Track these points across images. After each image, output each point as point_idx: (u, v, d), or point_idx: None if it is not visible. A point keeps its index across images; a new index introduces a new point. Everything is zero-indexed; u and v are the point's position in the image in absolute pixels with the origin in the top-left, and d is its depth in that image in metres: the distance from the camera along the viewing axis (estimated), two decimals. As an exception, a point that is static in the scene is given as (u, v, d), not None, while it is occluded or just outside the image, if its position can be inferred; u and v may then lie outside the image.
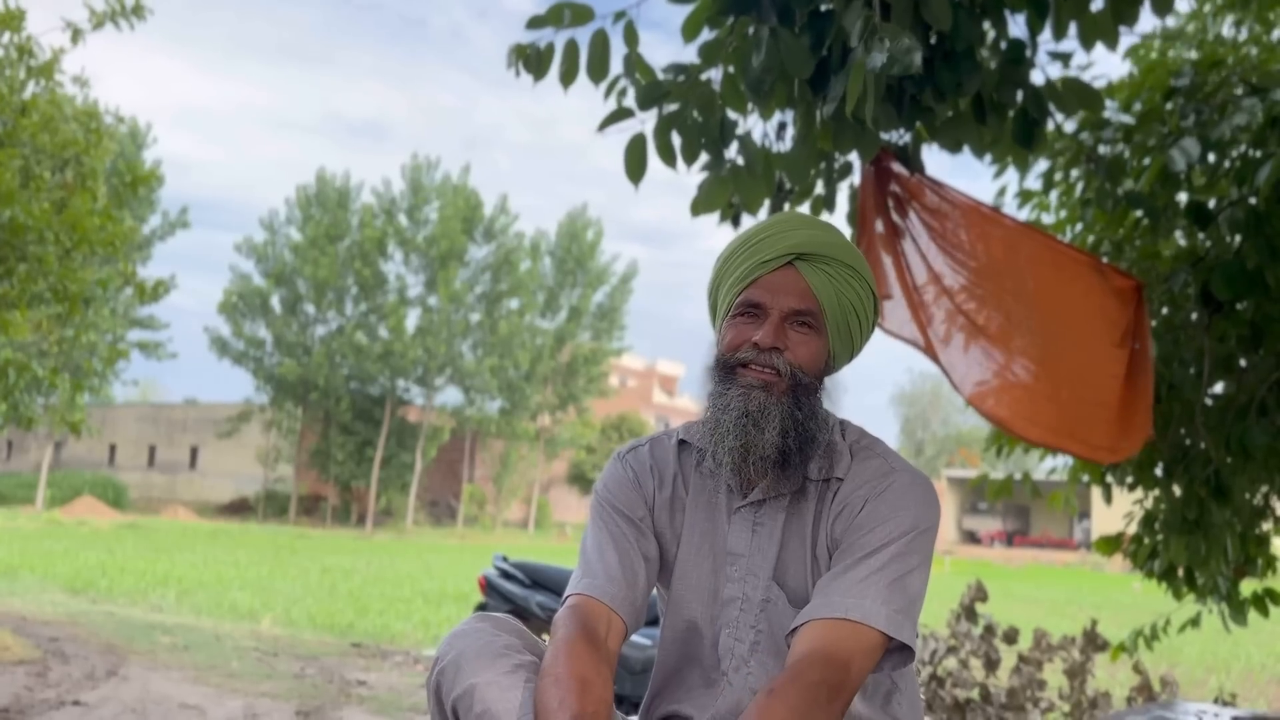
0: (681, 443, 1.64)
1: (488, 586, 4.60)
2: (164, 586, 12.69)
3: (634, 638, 4.05)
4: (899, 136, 3.23)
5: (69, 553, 16.50)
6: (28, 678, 6.20)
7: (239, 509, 38.49)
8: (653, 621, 4.46)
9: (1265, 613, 4.65)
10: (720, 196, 2.98)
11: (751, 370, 1.51)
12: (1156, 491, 4.57)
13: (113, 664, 6.89)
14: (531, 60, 2.93)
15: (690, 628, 1.59)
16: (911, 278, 3.47)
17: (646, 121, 2.86)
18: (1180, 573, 4.56)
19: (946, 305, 3.46)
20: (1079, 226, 4.53)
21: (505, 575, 4.58)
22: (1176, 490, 4.41)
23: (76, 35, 6.44)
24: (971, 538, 45.61)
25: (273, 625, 9.96)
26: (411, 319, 36.31)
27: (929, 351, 3.53)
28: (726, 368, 1.53)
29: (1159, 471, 4.46)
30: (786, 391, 1.50)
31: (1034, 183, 4.56)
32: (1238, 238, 3.84)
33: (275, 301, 37.01)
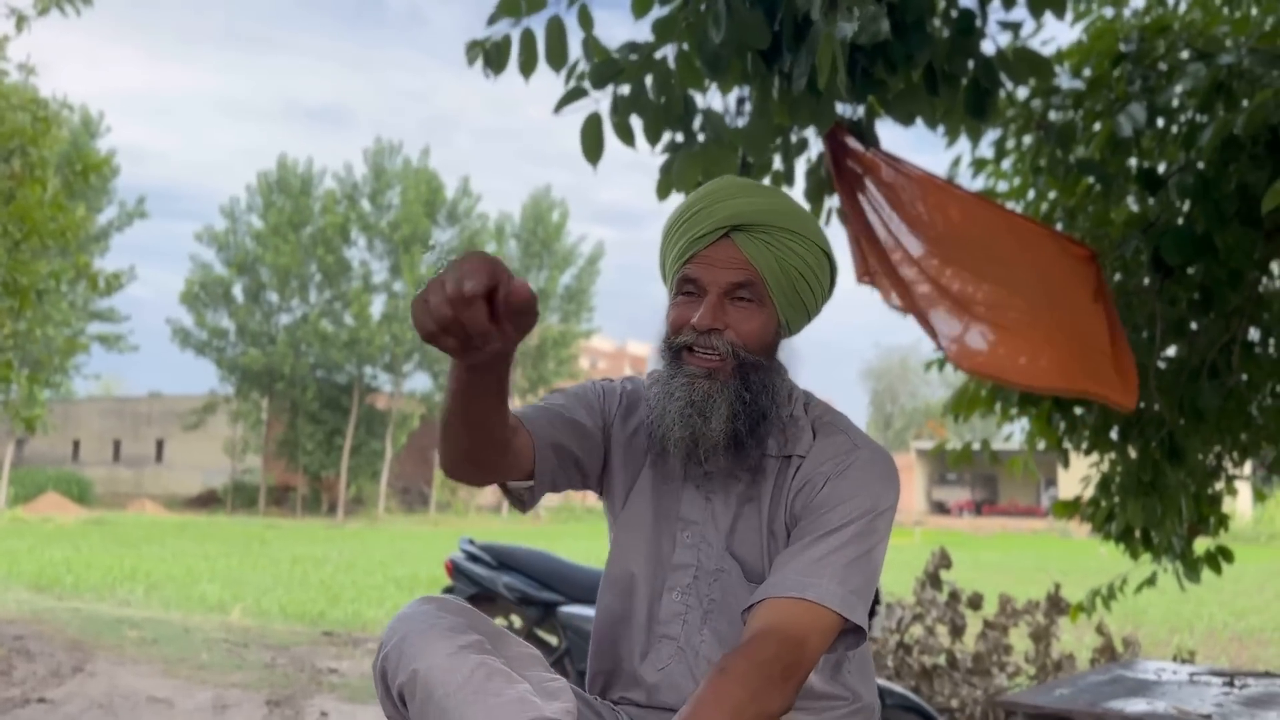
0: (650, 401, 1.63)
1: (455, 570, 4.60)
2: (131, 581, 12.56)
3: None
4: (852, 111, 3.23)
5: (33, 550, 16.30)
6: (-8, 676, 6.13)
7: (207, 501, 38.14)
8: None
9: (1218, 570, 4.75)
10: (690, 176, 2.95)
11: (696, 357, 1.48)
12: (1113, 455, 4.64)
13: (79, 660, 6.83)
14: (490, 55, 2.91)
15: (632, 580, 1.58)
16: (883, 248, 3.48)
17: (602, 101, 2.85)
18: (1137, 534, 4.64)
19: (917, 273, 3.48)
20: (1032, 194, 4.57)
21: (472, 558, 4.58)
22: (1132, 453, 4.48)
23: (21, 22, 6.30)
24: (940, 508, 46.06)
25: (243, 616, 9.90)
26: (377, 305, 36.04)
27: (916, 316, 3.55)
28: (672, 351, 1.51)
29: (1114, 435, 4.53)
30: (732, 374, 1.47)
31: (987, 151, 4.59)
32: (1187, 203, 3.89)
33: (238, 290, 36.60)
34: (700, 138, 2.88)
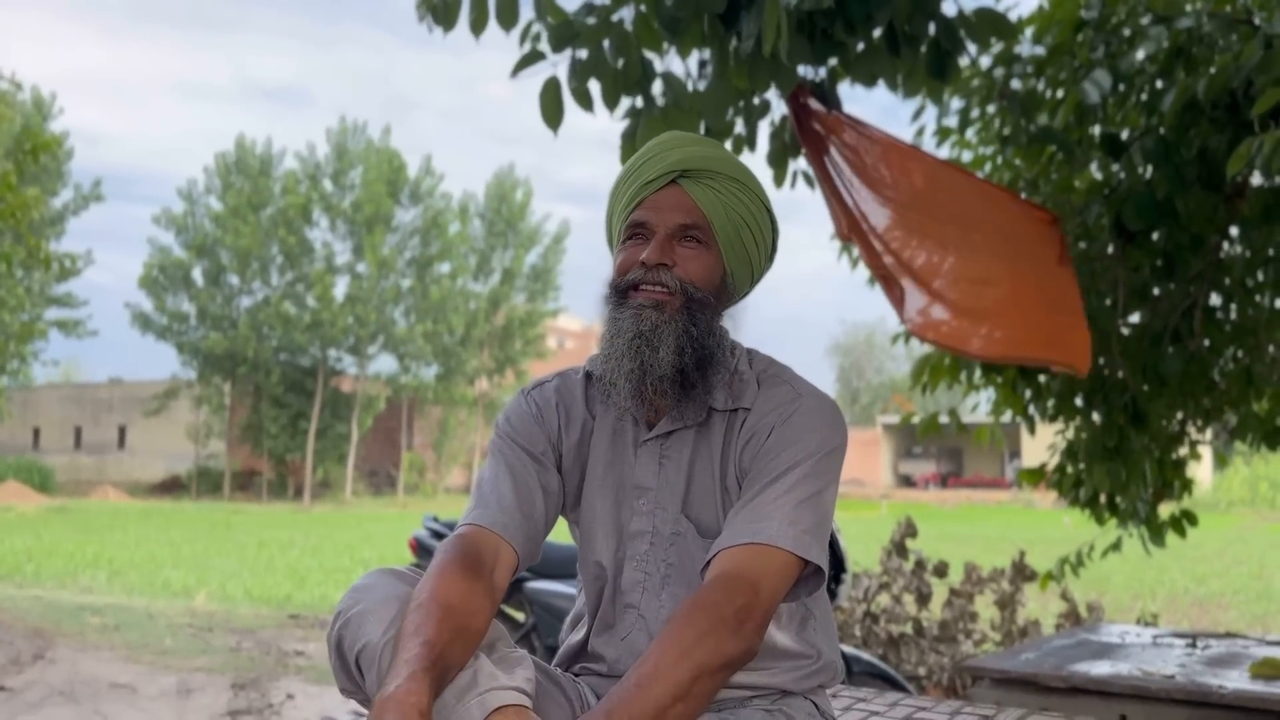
0: (588, 376, 1.60)
1: (418, 547, 4.55)
2: (94, 568, 12.39)
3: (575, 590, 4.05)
4: (815, 74, 3.19)
5: (-7, 539, 16.04)
6: (-51, 666, 6.02)
7: (171, 488, 37.73)
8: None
9: (1182, 533, 4.79)
10: (654, 137, 2.90)
11: (643, 291, 1.47)
12: (1077, 422, 4.66)
13: (39, 647, 6.72)
14: (439, 11, 2.84)
15: (598, 566, 1.57)
16: (850, 212, 3.45)
17: (560, 65, 2.78)
18: (1103, 499, 4.67)
19: (881, 245, 3.46)
20: (999, 161, 4.57)
21: (436, 535, 4.53)
22: (1097, 419, 4.50)
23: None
24: (907, 482, 46.49)
25: (207, 601, 9.80)
26: (340, 287, 35.67)
27: (884, 283, 3.52)
28: (619, 292, 1.50)
29: (1079, 402, 4.55)
30: (680, 309, 1.46)
31: (951, 122, 4.58)
32: (1149, 168, 3.90)
33: (197, 274, 36.09)
34: (660, 102, 2.83)
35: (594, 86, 2.76)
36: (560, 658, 1.64)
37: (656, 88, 2.83)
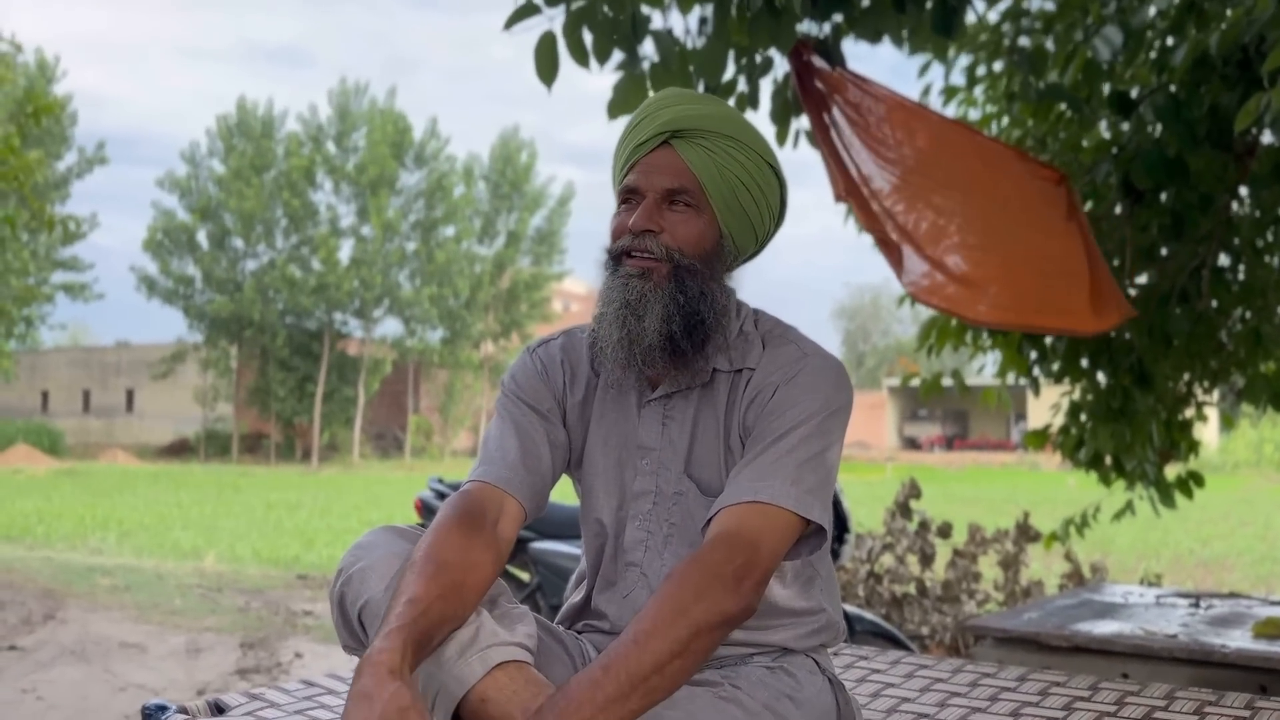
0: (593, 334, 1.59)
1: (424, 508, 4.57)
2: (104, 530, 12.49)
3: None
4: (819, 30, 3.15)
5: (3, 501, 16.16)
6: (-40, 626, 6.08)
7: (180, 450, 37.90)
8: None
9: (1190, 495, 4.79)
10: (636, 97, 2.88)
11: (633, 259, 1.46)
12: (1083, 382, 4.64)
13: (50, 608, 6.79)
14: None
15: (600, 525, 1.57)
16: (850, 173, 3.42)
17: (556, 19, 2.75)
18: (1107, 460, 4.66)
19: (879, 205, 3.43)
20: (1005, 120, 4.52)
21: (441, 497, 4.55)
22: (1102, 380, 4.49)
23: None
24: (912, 444, 46.53)
25: (216, 562, 9.87)
26: (345, 250, 35.58)
27: (883, 247, 3.50)
28: (614, 258, 1.48)
29: (1085, 363, 4.53)
30: (668, 276, 1.44)
31: (959, 79, 4.53)
32: (1158, 127, 3.85)
33: (202, 237, 36.01)
34: (645, 64, 2.79)
35: (587, 38, 2.72)
36: (563, 615, 1.65)
37: (647, 47, 2.78)
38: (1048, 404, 4.95)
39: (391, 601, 1.24)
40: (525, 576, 4.35)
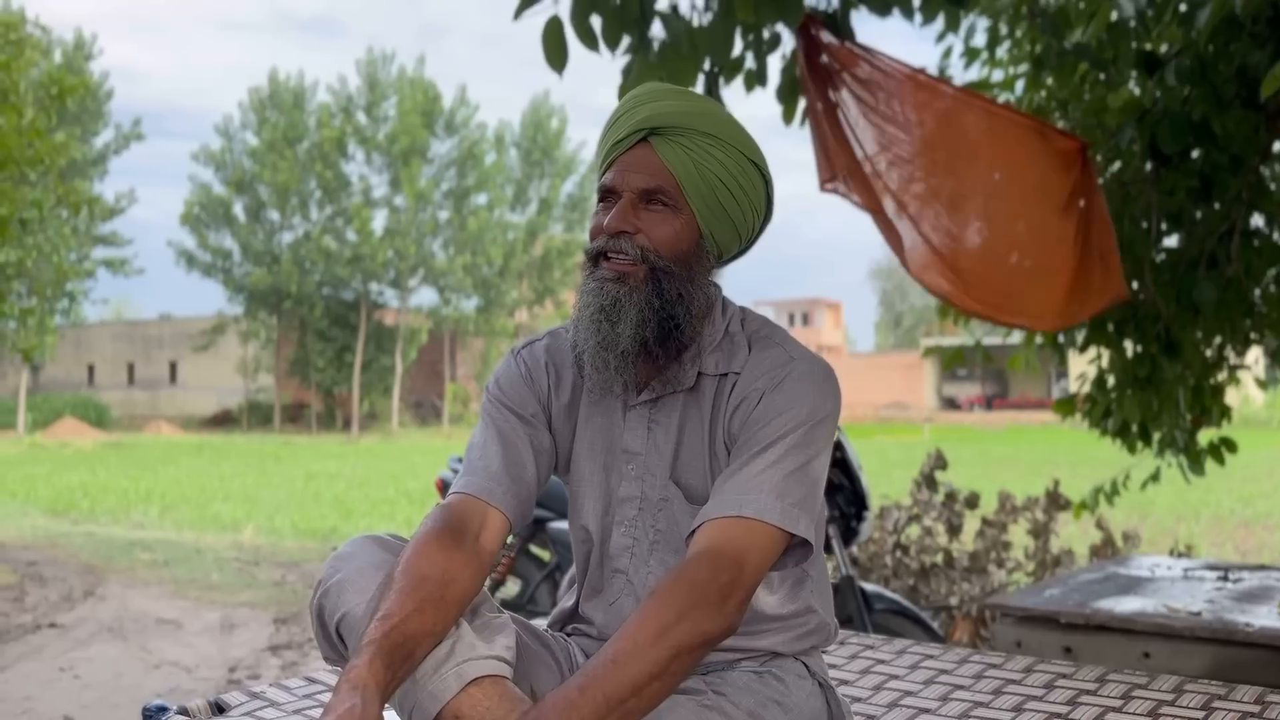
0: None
1: (445, 488, 4.59)
2: (146, 503, 12.73)
3: None
4: (828, 3, 3.08)
5: (50, 476, 16.51)
6: (3, 603, 6.23)
7: (223, 421, 38.50)
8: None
9: (1221, 461, 4.70)
10: (649, 80, 2.84)
11: (610, 261, 1.42)
12: (1110, 351, 4.55)
13: (90, 584, 6.93)
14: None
15: (585, 531, 1.55)
16: (854, 150, 3.36)
17: (563, 3, 2.71)
18: (1134, 429, 4.58)
19: (880, 185, 3.37)
20: (1023, 85, 4.41)
21: (463, 475, 4.58)
22: (1129, 347, 4.40)
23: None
24: (951, 404, 46.21)
25: (255, 535, 10.03)
26: (379, 220, 35.75)
27: (881, 227, 3.45)
28: (590, 259, 1.45)
29: (1111, 330, 4.44)
30: (644, 279, 1.41)
31: (980, 40, 4.42)
32: (1186, 88, 3.73)
33: (238, 210, 36.33)
34: (655, 46, 2.74)
35: (596, 23, 2.67)
36: (554, 619, 1.65)
37: (656, 29, 2.73)
38: (1089, 360, 4.85)
39: (371, 619, 1.25)
40: (545, 556, 4.37)
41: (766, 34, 3.03)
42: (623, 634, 1.24)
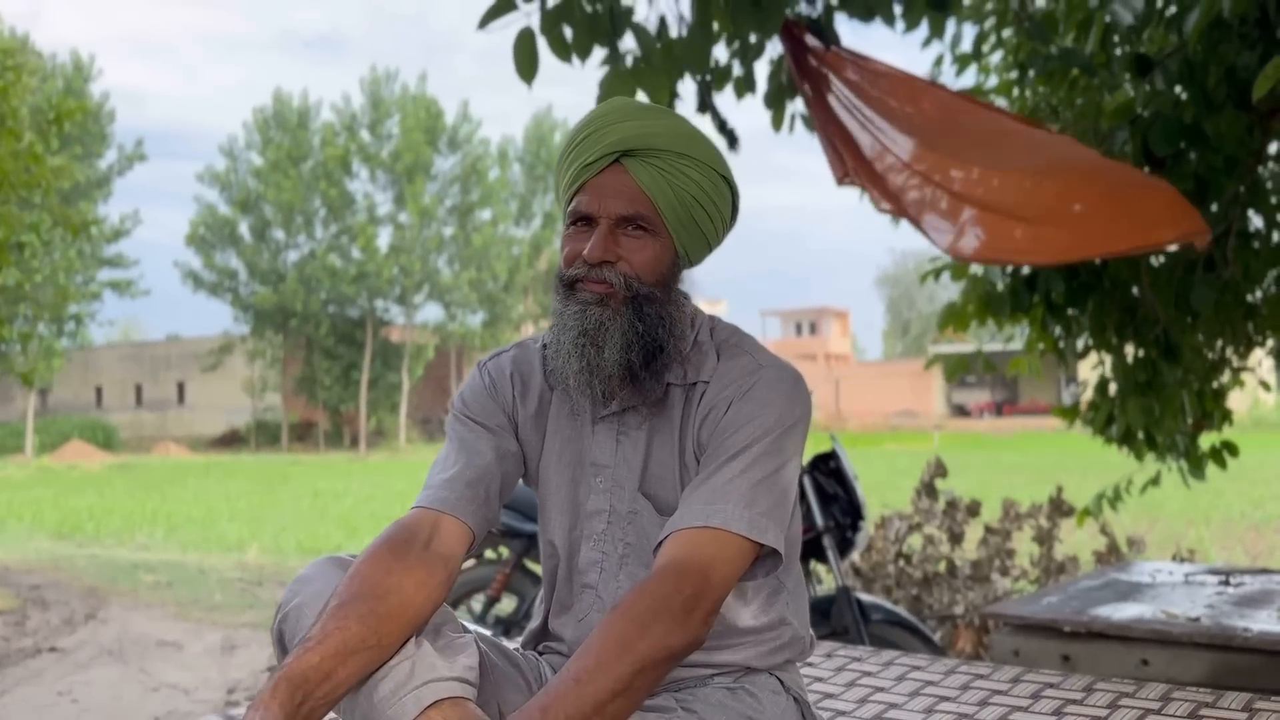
0: (545, 346, 1.55)
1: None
2: (152, 524, 12.72)
3: None
4: (810, 9, 3.06)
5: (58, 498, 16.52)
6: (5, 627, 6.22)
7: (231, 441, 38.56)
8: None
9: (1223, 465, 4.67)
10: (623, 91, 2.83)
11: (587, 285, 1.40)
12: (1110, 356, 4.52)
13: (92, 607, 6.92)
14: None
15: (552, 544, 1.53)
16: (861, 151, 3.32)
17: (533, 15, 2.70)
18: (1139, 435, 4.54)
19: (905, 175, 3.33)
20: (1022, 88, 4.39)
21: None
22: (1130, 353, 4.37)
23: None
24: (961, 411, 46.05)
25: (259, 554, 10.01)
26: (383, 238, 35.85)
27: (909, 218, 3.40)
28: (565, 284, 1.42)
29: (1112, 335, 4.41)
30: (625, 303, 1.39)
31: (969, 47, 4.40)
32: (1177, 90, 3.71)
33: (244, 230, 36.46)
34: (629, 60, 2.72)
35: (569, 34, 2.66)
36: (525, 639, 1.62)
37: (628, 42, 2.72)
38: (1092, 365, 4.80)
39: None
40: (540, 570, 4.34)
41: (752, 38, 3.01)
42: (585, 650, 1.22)
